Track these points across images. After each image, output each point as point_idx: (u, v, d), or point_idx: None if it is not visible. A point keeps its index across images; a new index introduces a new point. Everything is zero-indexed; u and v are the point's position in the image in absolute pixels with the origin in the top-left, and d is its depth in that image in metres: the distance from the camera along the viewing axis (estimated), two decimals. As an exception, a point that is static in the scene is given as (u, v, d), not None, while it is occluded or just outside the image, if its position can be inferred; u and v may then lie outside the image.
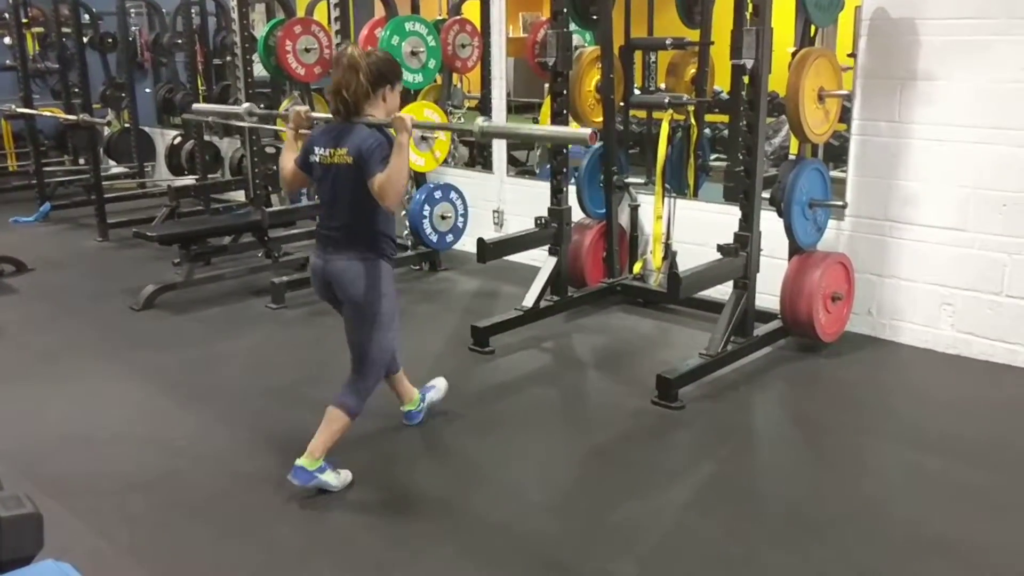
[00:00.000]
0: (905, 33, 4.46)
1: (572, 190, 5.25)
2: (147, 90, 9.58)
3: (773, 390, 4.23)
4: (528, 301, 4.94)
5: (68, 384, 4.31)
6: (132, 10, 10.11)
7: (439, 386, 3.90)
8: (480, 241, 4.78)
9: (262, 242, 6.00)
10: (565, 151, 5.03)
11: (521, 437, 3.75)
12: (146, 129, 9.44)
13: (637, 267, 5.55)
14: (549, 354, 4.81)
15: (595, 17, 5.06)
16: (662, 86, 6.09)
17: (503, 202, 6.58)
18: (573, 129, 3.00)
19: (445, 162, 6.87)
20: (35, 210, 8.18)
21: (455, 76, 7.25)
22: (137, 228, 5.78)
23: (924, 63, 4.44)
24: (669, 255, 5.36)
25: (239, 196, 7.73)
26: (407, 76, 5.79)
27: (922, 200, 4.55)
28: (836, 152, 5.47)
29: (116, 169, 9.66)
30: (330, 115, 3.19)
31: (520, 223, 6.06)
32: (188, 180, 8.01)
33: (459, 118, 7.55)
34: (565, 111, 4.94)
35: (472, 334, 4.72)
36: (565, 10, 4.81)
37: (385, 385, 3.54)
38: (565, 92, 4.91)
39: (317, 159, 3.14)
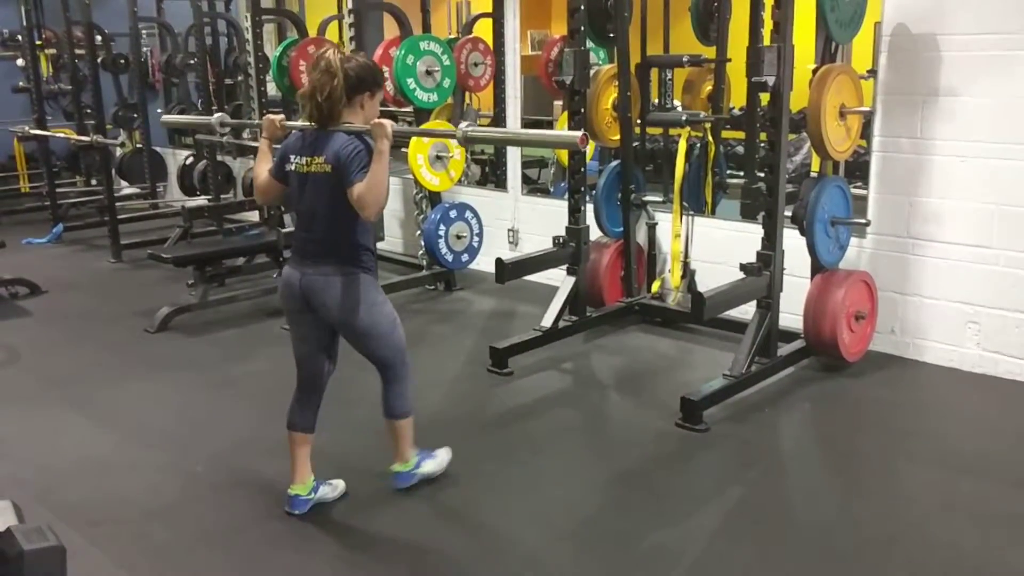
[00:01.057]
0: (926, 49, 4.42)
1: (589, 208, 5.21)
2: (159, 111, 9.58)
3: (798, 411, 4.16)
4: (547, 321, 4.89)
5: (84, 408, 4.26)
6: (144, 31, 10.18)
7: (337, 488, 3.34)
8: (499, 261, 4.74)
9: (276, 263, 5.96)
10: (583, 170, 5.00)
11: (543, 461, 3.69)
12: (158, 149, 9.44)
13: (655, 286, 5.48)
14: (569, 375, 4.76)
15: (611, 35, 5.03)
16: (677, 103, 6.07)
17: (518, 221, 6.54)
18: (562, 132, 2.92)
19: (459, 181, 6.86)
20: (47, 231, 8.17)
21: (468, 95, 7.25)
22: (151, 250, 5.76)
23: (946, 79, 4.39)
24: (688, 274, 5.31)
25: (252, 216, 7.72)
26: (421, 96, 5.79)
27: (945, 217, 4.50)
28: (851, 168, 5.42)
29: (128, 190, 9.68)
30: (306, 123, 3.03)
31: (535, 242, 6.03)
32: (201, 200, 8.00)
33: (472, 137, 7.55)
34: (582, 130, 4.90)
35: (490, 355, 4.67)
36: (583, 28, 4.78)
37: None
38: (582, 110, 4.88)
39: (293, 168, 3.01)
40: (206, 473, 3.59)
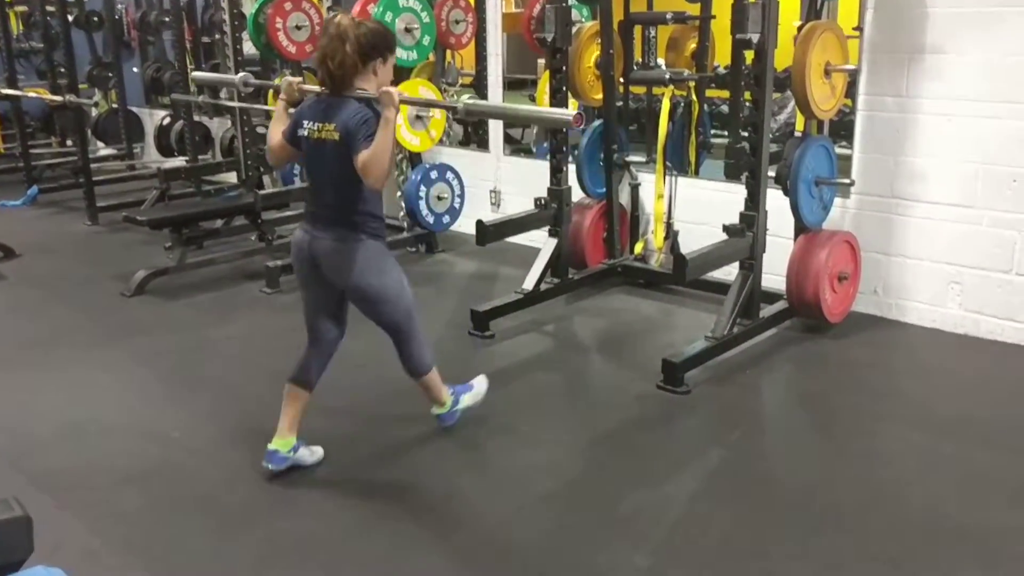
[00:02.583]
0: (913, 5, 4.35)
1: (571, 169, 5.14)
2: (135, 70, 9.40)
3: (780, 373, 4.15)
4: (528, 284, 4.84)
5: (59, 373, 4.20)
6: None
7: (316, 452, 3.31)
8: (479, 223, 4.68)
9: (255, 225, 5.88)
10: (564, 129, 4.91)
11: (524, 425, 3.66)
12: (134, 109, 9.28)
13: (638, 247, 5.44)
14: (550, 338, 4.72)
15: (594, -9, 4.93)
16: (661, 61, 5.98)
17: (500, 182, 6.46)
18: (557, 111, 2.88)
19: (440, 141, 6.76)
20: (22, 194, 8.02)
21: (449, 53, 7.12)
22: (127, 212, 5.65)
23: (932, 36, 4.33)
24: (671, 235, 5.27)
25: (231, 178, 7.60)
26: (401, 54, 5.66)
27: (929, 177, 4.46)
28: (836, 127, 5.36)
29: (105, 151, 9.51)
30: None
31: (518, 203, 5.94)
32: (178, 162, 7.87)
33: (453, 95, 7.43)
34: (564, 88, 4.82)
35: (472, 318, 4.63)
36: (564, -17, 4.67)
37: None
38: (564, 69, 4.79)
39: (305, 133, 3.00)
40: (182, 439, 3.54)
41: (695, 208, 5.22)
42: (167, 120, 8.48)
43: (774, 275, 4.49)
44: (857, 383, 3.99)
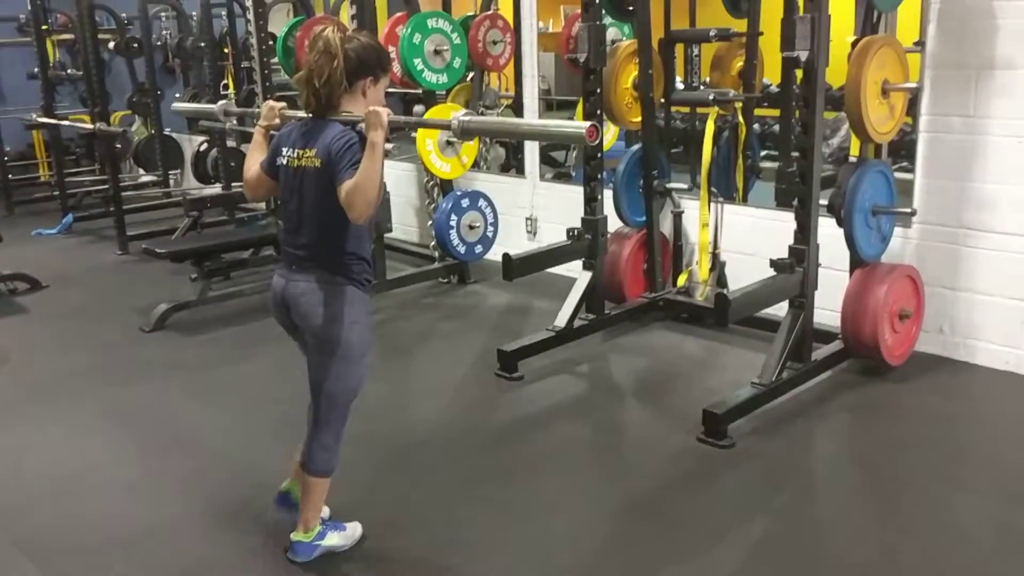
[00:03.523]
0: (980, 16, 3.95)
1: (609, 195, 4.82)
2: (177, 95, 9.32)
3: (834, 424, 3.76)
4: (560, 320, 4.52)
5: (61, 421, 3.98)
6: (163, 14, 9.91)
7: (354, 534, 2.96)
8: (505, 257, 4.37)
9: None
10: (600, 155, 4.60)
11: (547, 484, 3.34)
12: (174, 136, 9.19)
13: (681, 279, 5.09)
14: (584, 380, 4.39)
15: (631, 8, 4.62)
16: (706, 81, 5.64)
17: (536, 209, 6.15)
18: (566, 124, 2.53)
19: (476, 166, 6.50)
20: (58, 222, 7.95)
21: (488, 75, 6.88)
22: (147, 243, 5.46)
23: (1002, 50, 3.92)
24: (717, 266, 4.92)
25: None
26: (430, 77, 5.42)
27: (1000, 204, 4.04)
28: (896, 150, 4.94)
29: (145, 178, 9.45)
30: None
31: (555, 232, 5.63)
32: (213, 189, 7.73)
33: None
34: (599, 111, 4.51)
35: (498, 358, 4.32)
36: (597, 1, 4.36)
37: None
38: (599, 90, 4.48)
39: (284, 161, 2.66)
40: (179, 496, 3.29)
41: (744, 237, 4.85)
42: (203, 146, 8.37)
43: (829, 311, 4.12)
44: (921, 437, 3.59)
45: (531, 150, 6.18)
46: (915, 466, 3.35)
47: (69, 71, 8.97)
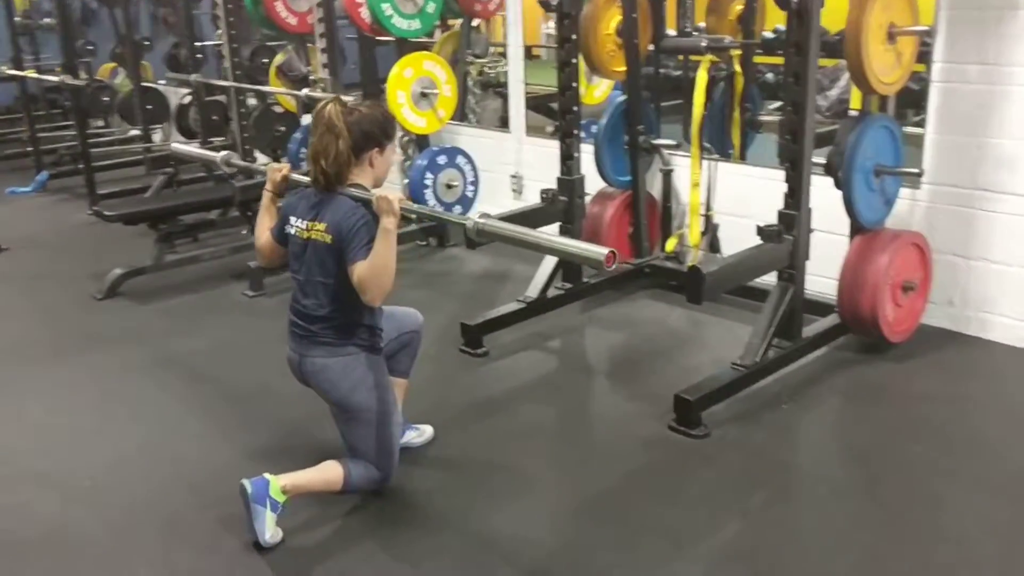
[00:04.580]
0: (1003, -50, 3.49)
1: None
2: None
3: (825, 409, 3.39)
4: (532, 290, 4.15)
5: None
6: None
7: (425, 433, 3.21)
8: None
9: (246, 218, 5.30)
10: (576, 108, 4.18)
11: (501, 477, 3.00)
12: (160, 88, 8.81)
13: (671, 244, 4.68)
14: (554, 357, 4.04)
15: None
16: (702, 27, 5.17)
17: (522, 166, 5.75)
18: (586, 246, 2.34)
19: (464, 119, 6.12)
20: (33, 179, 7.63)
21: (476, 22, 6.46)
22: (99, 206, 5.13)
23: (1028, -12, 3.47)
24: (709, 229, 4.52)
25: (261, 159, 7.04)
26: (400, 23, 5.01)
27: (1021, 164, 3.61)
28: (905, 102, 4.46)
29: (132, 132, 9.10)
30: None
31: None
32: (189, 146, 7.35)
33: (482, 68, 6.76)
34: (574, 60, 4.09)
35: (462, 333, 3.97)
36: (571, -63, 3.93)
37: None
38: (574, 37, 4.05)
39: (293, 231, 2.65)
40: (94, 488, 2.98)
41: (740, 198, 4.45)
42: (187, 99, 7.98)
43: (828, 278, 3.72)
44: (920, 424, 3.21)
45: (516, 101, 5.75)
46: (912, 460, 2.98)
47: (45, 20, 8.55)
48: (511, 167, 5.78)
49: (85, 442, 3.31)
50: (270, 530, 2.56)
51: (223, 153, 3.36)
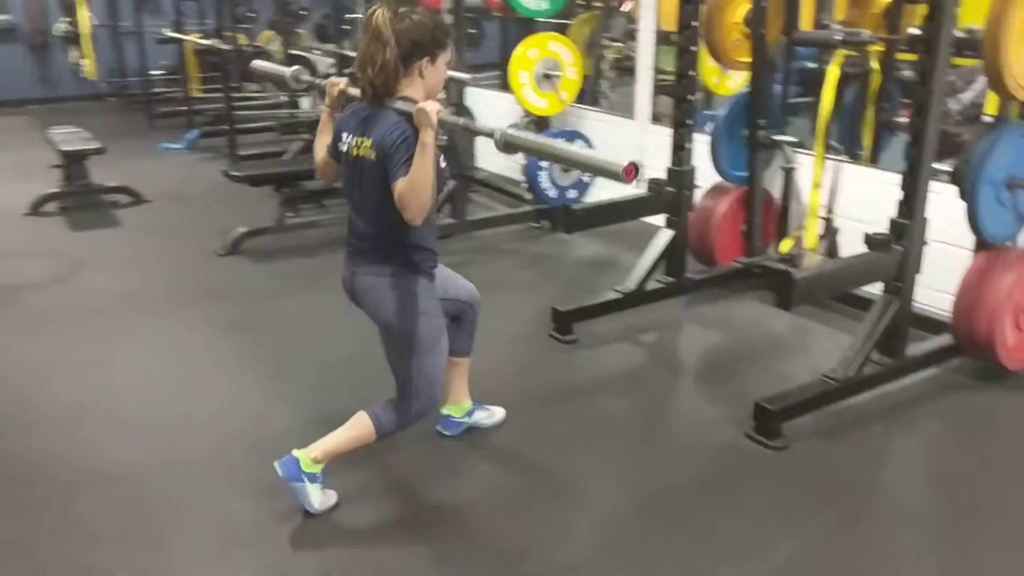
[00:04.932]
0: None
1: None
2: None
3: (921, 434, 3.16)
4: (631, 282, 4.06)
5: (101, 341, 3.93)
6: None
7: (496, 415, 3.21)
8: (566, 208, 3.95)
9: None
10: (691, 97, 4.05)
11: (565, 465, 2.95)
12: (311, 56, 9.12)
13: (785, 245, 4.47)
14: (643, 351, 3.94)
15: (745, -72, 4.00)
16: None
17: (644, 153, 5.62)
18: (604, 157, 2.23)
19: (594, 102, 6.06)
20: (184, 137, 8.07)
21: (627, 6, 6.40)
22: (229, 167, 5.36)
23: None
24: (829, 234, 4.29)
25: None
26: (527, 3, 4.99)
27: None
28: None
29: (282, 98, 9.48)
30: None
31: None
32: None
33: (619, 51, 6.67)
34: (693, 47, 3.95)
35: (553, 318, 3.93)
36: (700, -82, 3.78)
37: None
38: (694, 23, 3.91)
39: (344, 148, 2.54)
40: (172, 435, 3.13)
41: (866, 203, 4.18)
42: (331, 68, 8.24)
43: (944, 293, 3.47)
44: (1027, 463, 2.96)
45: (643, 87, 5.63)
46: (1008, 500, 2.75)
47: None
48: (633, 154, 5.64)
49: (175, 390, 3.48)
50: (316, 500, 2.61)
51: (294, 68, 3.33)
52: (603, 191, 5.48)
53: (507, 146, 2.33)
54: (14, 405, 3.34)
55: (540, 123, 5.36)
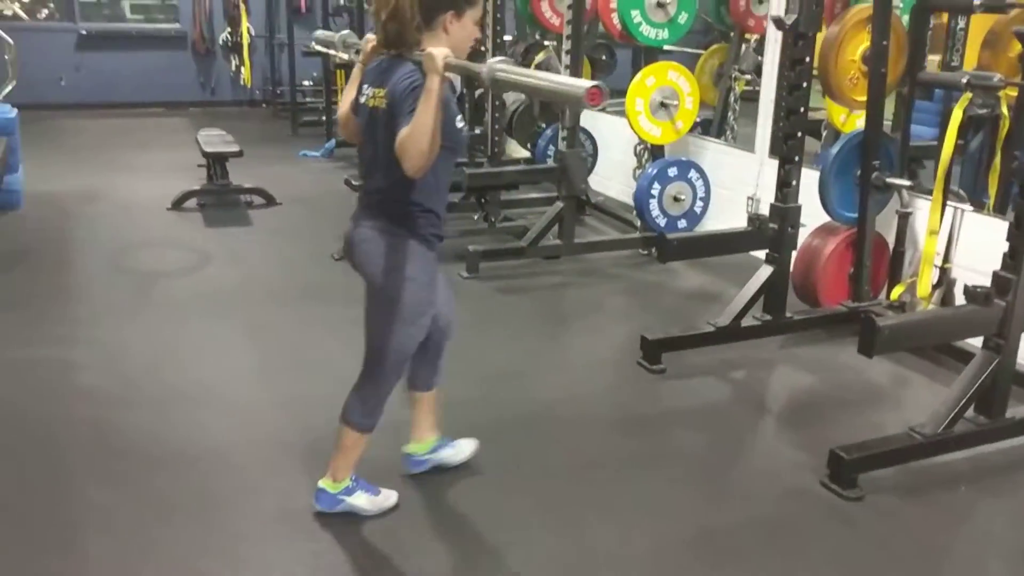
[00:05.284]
0: None
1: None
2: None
3: (1009, 503, 2.99)
4: (725, 316, 4.01)
5: (218, 330, 4.20)
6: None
7: (462, 451, 3.03)
8: (660, 237, 3.93)
9: (479, 204, 5.56)
10: (800, 135, 3.97)
11: (626, 490, 2.95)
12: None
13: (897, 291, 4.31)
14: (730, 387, 3.88)
15: (869, -35, 3.90)
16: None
17: (761, 188, 5.53)
18: (567, 81, 2.14)
19: (719, 134, 6.02)
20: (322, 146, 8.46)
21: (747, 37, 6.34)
22: (352, 176, 5.60)
23: None
24: (945, 283, 4.11)
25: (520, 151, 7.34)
26: (648, 31, 5.01)
27: None
28: None
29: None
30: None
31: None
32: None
33: (748, 83, 6.59)
34: (804, 83, 3.88)
35: (641, 346, 3.92)
36: (820, -46, 3.72)
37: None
38: (807, 59, 3.84)
39: (363, 100, 2.49)
40: (275, 422, 3.31)
41: (988, 254, 3.99)
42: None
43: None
44: None
45: (764, 121, 5.54)
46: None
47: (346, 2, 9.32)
48: (750, 187, 5.58)
49: (277, 378, 3.68)
50: (367, 504, 2.71)
51: (341, 34, 3.41)
52: (716, 222, 5.44)
53: (494, 83, 2.21)
54: (123, 383, 3.61)
55: (655, 151, 5.36)
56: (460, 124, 2.40)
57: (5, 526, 2.66)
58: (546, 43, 6.44)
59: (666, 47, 5.47)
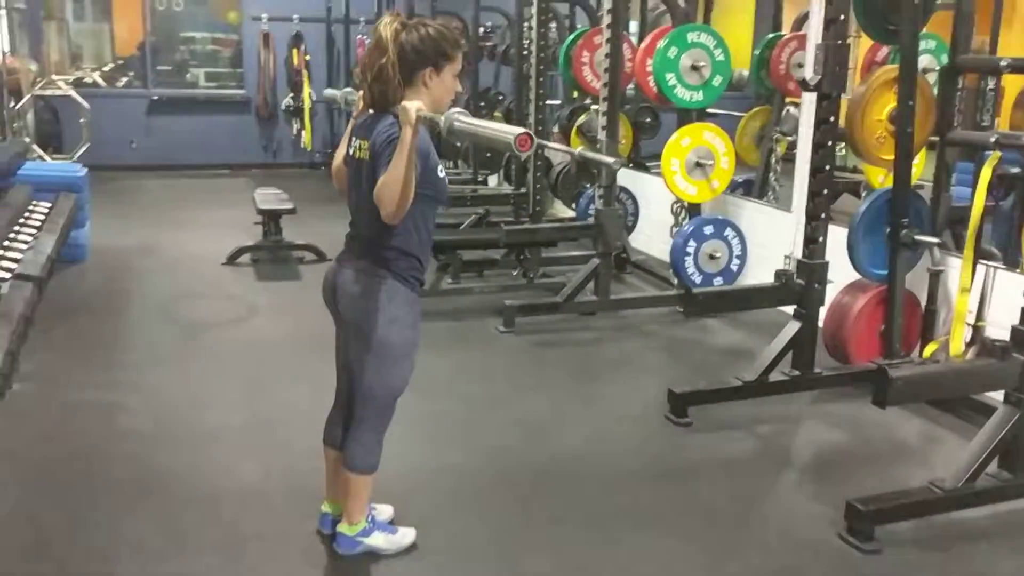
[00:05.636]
0: None
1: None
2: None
3: (1031, 560, 2.95)
4: (751, 372, 4.04)
5: (260, 377, 4.36)
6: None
7: (401, 540, 2.87)
8: (687, 291, 4.01)
9: (518, 260, 5.69)
10: (826, 192, 4.03)
11: (641, 540, 2.99)
12: (499, 137, 9.65)
13: (929, 350, 4.30)
14: (756, 441, 3.88)
15: (893, 28, 3.99)
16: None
17: (797, 246, 5.54)
18: (501, 128, 2.28)
19: (761, 195, 6.09)
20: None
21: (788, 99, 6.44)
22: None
23: None
24: (978, 342, 4.09)
25: (565, 210, 7.50)
26: (683, 94, 5.14)
27: None
28: None
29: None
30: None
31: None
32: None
33: (789, 144, 6.66)
34: (829, 143, 3.95)
35: (668, 399, 3.97)
36: (843, 17, 3.81)
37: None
38: (833, 119, 3.92)
39: (350, 151, 2.65)
40: (291, 466, 3.43)
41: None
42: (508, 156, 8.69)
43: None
44: None
45: (801, 182, 5.59)
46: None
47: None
48: (786, 246, 5.61)
49: (311, 425, 3.77)
50: (385, 543, 2.80)
51: (344, 90, 3.56)
52: (752, 281, 5.47)
53: (450, 131, 2.31)
54: (163, 425, 3.78)
55: (691, 209, 5.44)
56: (441, 174, 2.54)
57: (44, 549, 2.81)
58: (594, 107, 6.60)
59: (710, 110, 5.62)
